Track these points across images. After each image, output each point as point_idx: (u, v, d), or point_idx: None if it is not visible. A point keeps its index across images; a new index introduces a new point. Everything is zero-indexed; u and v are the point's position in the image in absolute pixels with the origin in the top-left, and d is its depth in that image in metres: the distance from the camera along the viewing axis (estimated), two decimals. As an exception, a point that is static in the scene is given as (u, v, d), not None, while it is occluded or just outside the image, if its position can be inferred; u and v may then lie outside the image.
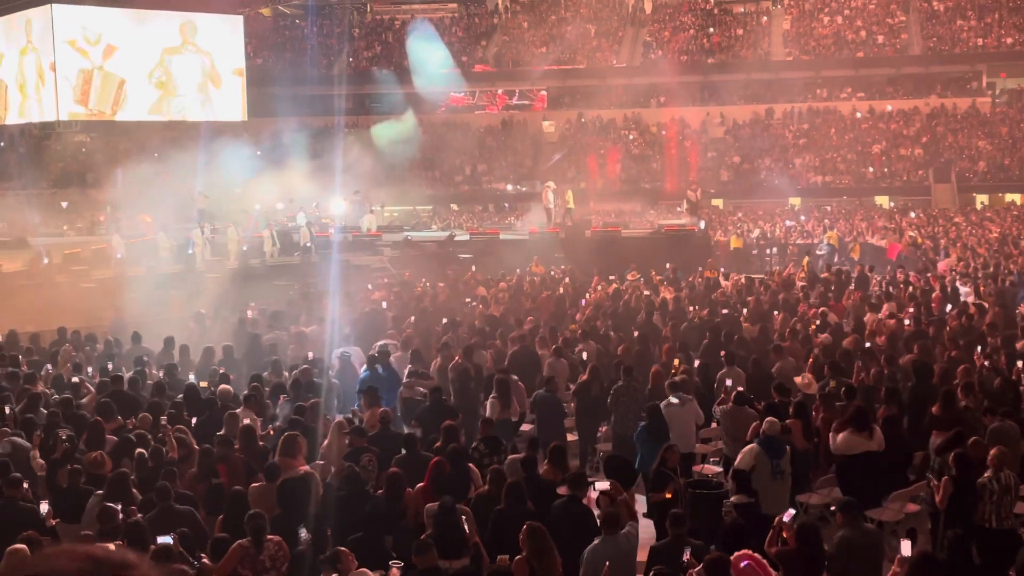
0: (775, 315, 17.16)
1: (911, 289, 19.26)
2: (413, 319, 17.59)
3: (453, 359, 13.59)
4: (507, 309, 18.47)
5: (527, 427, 12.55)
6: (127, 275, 22.95)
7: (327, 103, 45.97)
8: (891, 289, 19.57)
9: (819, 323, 15.88)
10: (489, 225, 35.96)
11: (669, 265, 22.78)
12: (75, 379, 13.09)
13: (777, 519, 7.50)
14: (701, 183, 35.86)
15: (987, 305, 17.21)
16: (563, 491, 8.39)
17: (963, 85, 45.25)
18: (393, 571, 6.91)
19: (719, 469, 11.58)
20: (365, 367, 13.70)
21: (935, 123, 43.19)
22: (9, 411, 11.12)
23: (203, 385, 12.92)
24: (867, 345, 14.01)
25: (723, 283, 21.24)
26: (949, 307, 17.58)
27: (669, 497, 8.70)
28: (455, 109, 49.14)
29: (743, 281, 21.44)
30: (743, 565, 6.70)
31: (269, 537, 7.50)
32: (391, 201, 37.45)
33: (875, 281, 21.39)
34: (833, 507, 9.57)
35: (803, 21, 47.96)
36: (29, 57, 33.86)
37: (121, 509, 7.93)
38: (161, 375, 13.65)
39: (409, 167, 40.36)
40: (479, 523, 8.15)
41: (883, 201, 40.85)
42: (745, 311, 17.57)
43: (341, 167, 33.92)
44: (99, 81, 33.43)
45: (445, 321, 16.82)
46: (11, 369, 13.56)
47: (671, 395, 11.22)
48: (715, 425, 11.96)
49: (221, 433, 10.07)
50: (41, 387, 12.67)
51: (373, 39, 52.55)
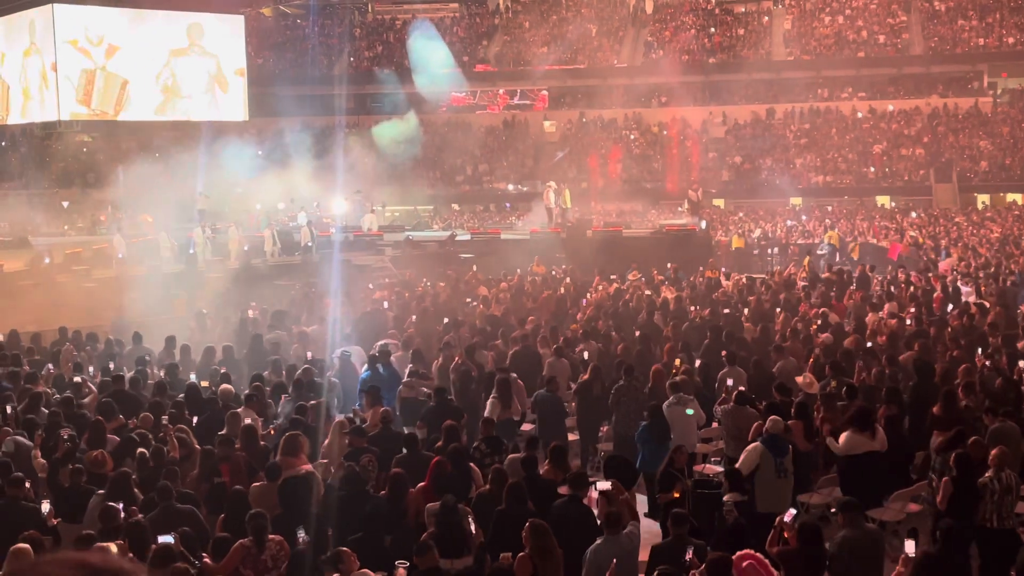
0: (777, 314, 17.16)
1: (912, 289, 19.25)
2: (414, 318, 17.60)
3: (454, 359, 13.59)
4: (508, 309, 18.46)
5: (528, 427, 12.55)
6: (128, 275, 22.96)
7: (328, 103, 45.96)
8: (892, 289, 19.57)
9: (820, 323, 15.88)
10: (490, 225, 35.96)
11: (670, 265, 22.80)
12: (77, 379, 13.09)
13: (778, 519, 7.50)
14: (702, 183, 35.91)
15: (988, 305, 17.21)
16: (564, 491, 8.39)
17: (964, 85, 45.22)
18: (400, 571, 6.90)
19: (720, 469, 11.58)
20: (366, 367, 13.71)
21: (936, 123, 43.17)
22: (11, 410, 11.13)
23: (204, 385, 12.93)
24: (868, 345, 14.02)
25: (724, 283, 21.25)
26: (950, 307, 17.57)
27: (677, 496, 8.70)
28: (456, 109, 49.14)
29: (744, 281, 21.44)
30: (745, 565, 6.70)
31: (271, 537, 7.51)
32: (392, 201, 37.44)
33: (876, 281, 21.40)
34: (834, 508, 9.58)
35: (804, 21, 47.93)
36: (32, 58, 33.70)
37: (122, 509, 7.93)
38: (162, 375, 13.66)
39: (410, 167, 40.33)
40: (480, 523, 8.15)
41: (884, 201, 40.82)
42: (746, 311, 17.57)
43: (342, 167, 33.97)
44: (102, 82, 33.35)
45: (446, 321, 16.82)
46: (13, 369, 13.57)
47: (672, 396, 11.22)
48: (716, 425, 11.96)
49: (223, 432, 10.07)
50: (42, 387, 12.67)
51: (374, 39, 52.57)
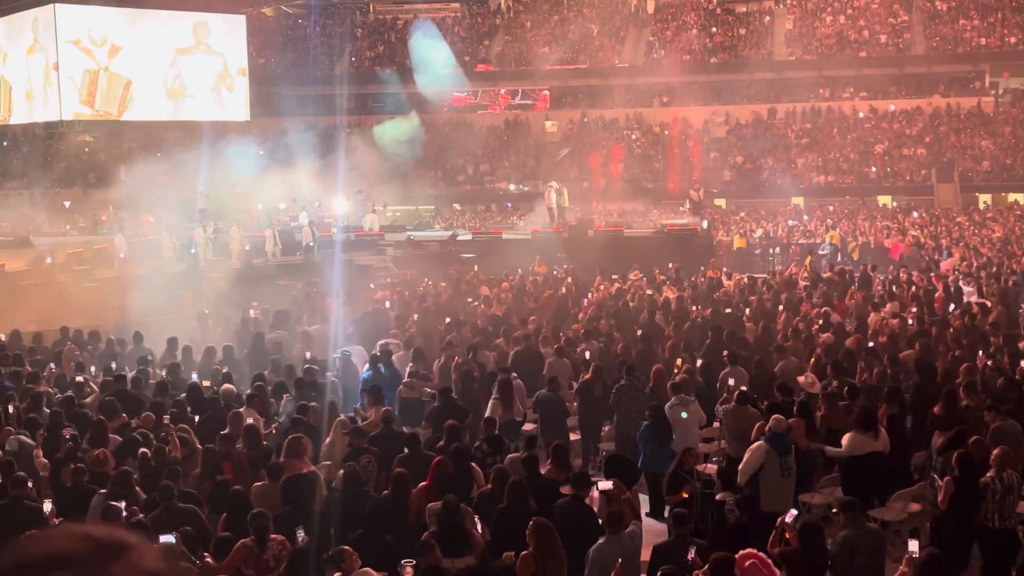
0: (779, 312, 17.15)
1: (914, 289, 19.25)
2: (416, 317, 17.62)
3: (456, 358, 13.60)
4: (510, 309, 18.48)
5: (529, 426, 12.56)
6: (130, 275, 22.98)
7: (330, 103, 45.94)
8: (894, 289, 19.57)
9: (822, 323, 15.87)
10: (492, 225, 35.96)
11: (672, 265, 22.81)
12: (79, 378, 13.11)
13: (780, 520, 7.49)
14: (704, 183, 35.87)
15: (990, 304, 17.20)
16: (567, 491, 8.39)
17: (966, 85, 45.17)
18: (407, 570, 6.90)
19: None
20: (368, 366, 13.71)
21: (938, 123, 43.13)
22: (13, 410, 11.14)
23: (206, 384, 12.94)
24: (870, 345, 14.02)
25: (726, 283, 21.24)
26: (952, 307, 17.56)
27: (686, 497, 8.69)
28: (458, 109, 49.12)
29: (746, 281, 21.44)
30: (748, 564, 6.70)
31: (272, 536, 7.51)
32: (394, 201, 37.43)
33: (878, 281, 21.39)
34: (835, 508, 9.57)
35: (806, 21, 47.90)
36: (36, 56, 33.42)
37: (124, 508, 7.94)
38: (164, 374, 13.67)
39: (412, 167, 40.33)
40: (483, 523, 8.14)
41: (886, 201, 40.78)
42: (748, 311, 17.56)
43: (344, 167, 33.94)
44: (105, 83, 33.25)
45: (448, 320, 16.82)
46: (15, 368, 13.58)
47: (674, 396, 11.20)
48: (717, 425, 11.96)
49: (225, 432, 10.08)
50: (44, 386, 12.68)
51: (376, 39, 52.56)
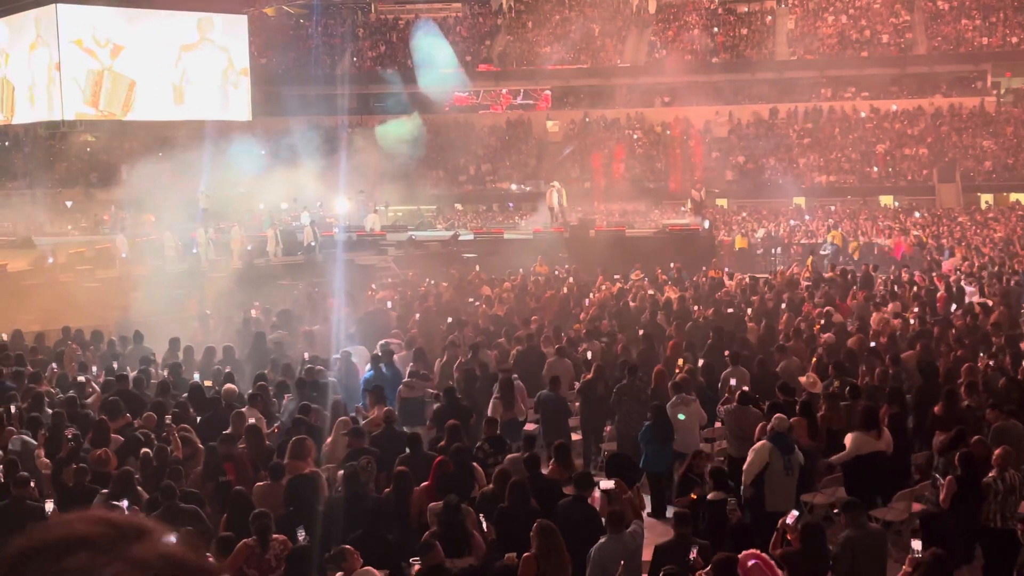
0: (781, 312, 17.14)
1: (915, 289, 19.23)
2: (417, 317, 17.62)
3: (458, 358, 13.60)
4: (511, 309, 18.48)
5: (531, 426, 12.56)
6: (131, 275, 23.00)
7: (331, 103, 45.95)
8: (896, 289, 19.55)
9: (823, 323, 15.86)
10: (493, 225, 35.95)
11: (673, 265, 22.80)
12: (80, 378, 13.11)
13: (781, 521, 7.49)
14: (705, 183, 35.87)
15: (992, 304, 17.18)
16: (570, 491, 8.39)
17: (968, 84, 45.12)
18: (416, 567, 6.92)
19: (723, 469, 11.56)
20: (369, 366, 13.71)
21: (940, 123, 43.09)
22: (15, 410, 11.14)
23: (207, 384, 12.94)
24: (872, 345, 14.01)
25: (727, 283, 21.23)
26: (954, 307, 17.55)
27: (695, 498, 8.68)
28: (459, 109, 49.12)
29: (747, 281, 21.43)
30: (751, 564, 6.70)
31: (274, 536, 7.51)
32: (395, 201, 37.44)
33: (880, 281, 21.37)
34: (837, 508, 9.56)
35: (807, 21, 47.86)
36: (39, 52, 33.22)
37: (126, 507, 7.94)
38: (166, 374, 13.67)
39: (413, 167, 40.34)
40: (486, 521, 8.14)
41: (887, 201, 40.76)
42: (749, 311, 17.56)
43: (345, 167, 33.97)
44: (109, 83, 33.22)
45: (450, 320, 16.82)
46: (16, 368, 13.59)
47: (675, 396, 11.21)
48: (719, 425, 11.95)
49: (228, 431, 10.08)
50: (46, 386, 12.69)
51: (377, 39, 52.56)
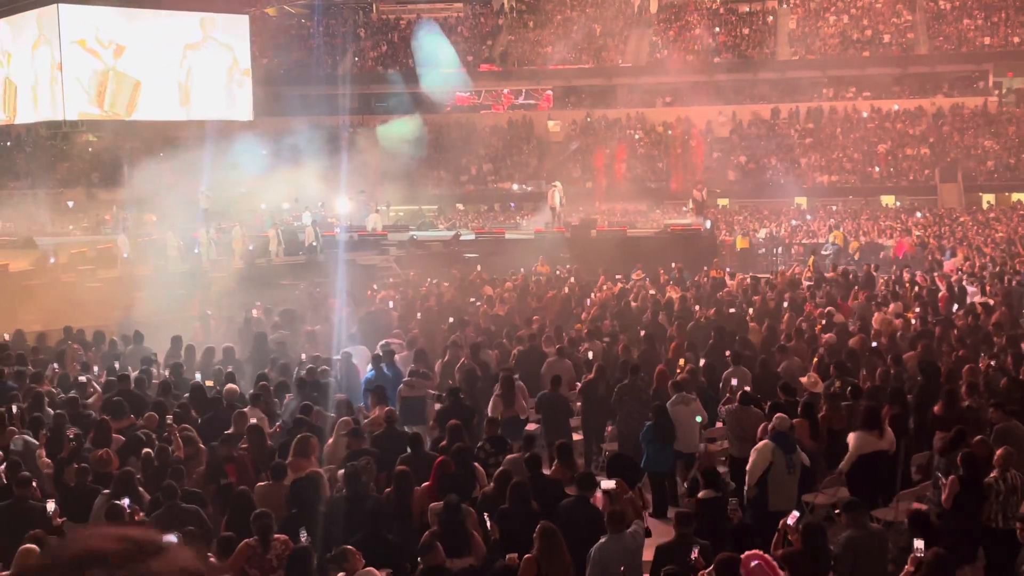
0: (783, 312, 17.13)
1: (917, 289, 19.22)
2: (419, 316, 17.63)
3: (460, 358, 13.59)
4: (513, 309, 18.48)
5: (532, 426, 12.55)
6: (133, 274, 23.02)
7: (333, 103, 46.00)
8: (897, 289, 19.54)
9: (825, 323, 15.86)
10: (495, 224, 35.97)
11: (675, 265, 22.80)
12: (82, 378, 13.11)
13: (782, 522, 7.49)
14: (707, 183, 35.79)
15: (993, 304, 17.16)
16: (572, 491, 8.38)
17: (969, 84, 45.10)
18: (421, 566, 6.93)
19: (724, 469, 11.56)
20: (370, 366, 13.71)
21: (941, 122, 43.08)
22: (16, 410, 11.14)
23: (209, 384, 12.94)
24: (873, 345, 14.00)
25: (729, 283, 21.23)
26: (955, 307, 17.54)
27: (702, 499, 8.67)
28: (461, 109, 49.14)
29: (749, 281, 21.42)
30: (753, 565, 6.70)
31: (276, 536, 7.51)
32: (397, 201, 37.46)
33: (881, 281, 21.36)
34: (838, 509, 9.56)
35: (809, 20, 47.85)
36: (41, 51, 32.99)
37: (128, 507, 7.94)
38: (167, 374, 13.67)
39: (415, 167, 40.36)
40: (482, 522, 8.14)
41: (889, 201, 40.76)
42: (751, 311, 17.55)
43: (347, 167, 33.99)
44: (114, 84, 33.17)
45: (452, 320, 16.82)
46: (18, 368, 13.59)
47: (674, 396, 11.21)
48: (720, 425, 11.95)
49: (229, 432, 10.08)
50: (47, 386, 12.69)
51: (379, 39, 52.58)
